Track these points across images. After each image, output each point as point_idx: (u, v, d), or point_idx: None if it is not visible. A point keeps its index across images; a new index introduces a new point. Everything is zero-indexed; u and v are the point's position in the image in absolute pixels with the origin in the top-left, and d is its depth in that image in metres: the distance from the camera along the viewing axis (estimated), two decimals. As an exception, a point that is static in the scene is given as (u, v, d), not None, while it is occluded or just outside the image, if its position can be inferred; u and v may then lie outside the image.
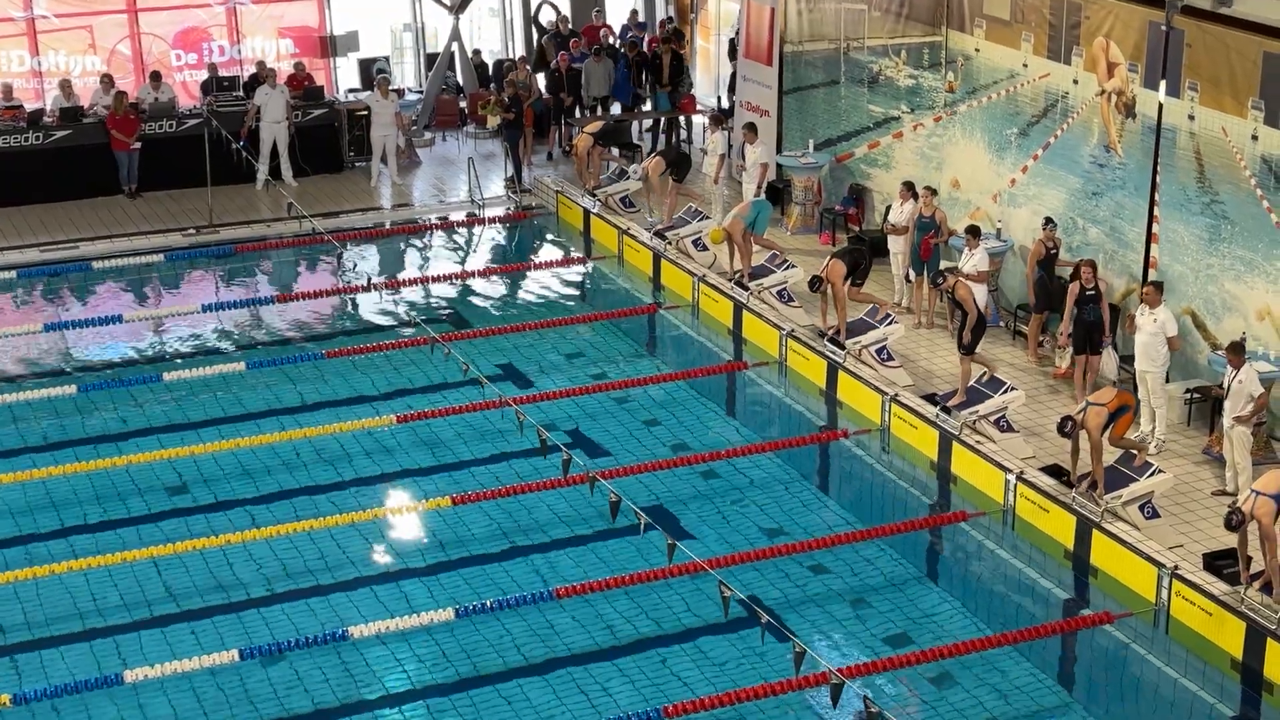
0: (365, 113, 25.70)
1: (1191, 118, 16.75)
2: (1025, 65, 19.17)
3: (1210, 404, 16.45)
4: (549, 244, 24.22)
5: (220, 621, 14.09)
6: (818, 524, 15.84)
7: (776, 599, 14.35)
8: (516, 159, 25.47)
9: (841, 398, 18.31)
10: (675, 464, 16.75)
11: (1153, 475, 15.02)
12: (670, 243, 21.93)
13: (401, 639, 13.73)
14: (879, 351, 18.21)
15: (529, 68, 27.19)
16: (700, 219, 22.05)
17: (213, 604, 14.38)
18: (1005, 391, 16.68)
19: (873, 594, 14.67)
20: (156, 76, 25.49)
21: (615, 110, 26.99)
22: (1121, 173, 17.93)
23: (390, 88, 25.75)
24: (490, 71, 28.52)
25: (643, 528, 14.37)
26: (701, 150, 24.67)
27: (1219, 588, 13.79)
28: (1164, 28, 16.73)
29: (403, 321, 20.56)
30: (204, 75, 26.51)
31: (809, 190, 22.89)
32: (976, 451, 16.32)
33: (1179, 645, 13.91)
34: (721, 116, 24.17)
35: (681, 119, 27.06)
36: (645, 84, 26.99)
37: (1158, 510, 15.01)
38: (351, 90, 27.48)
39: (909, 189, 19.94)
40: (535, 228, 24.56)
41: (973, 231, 18.59)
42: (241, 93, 25.72)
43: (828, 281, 18.58)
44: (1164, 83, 16.92)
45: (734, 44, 25.92)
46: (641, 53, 27.06)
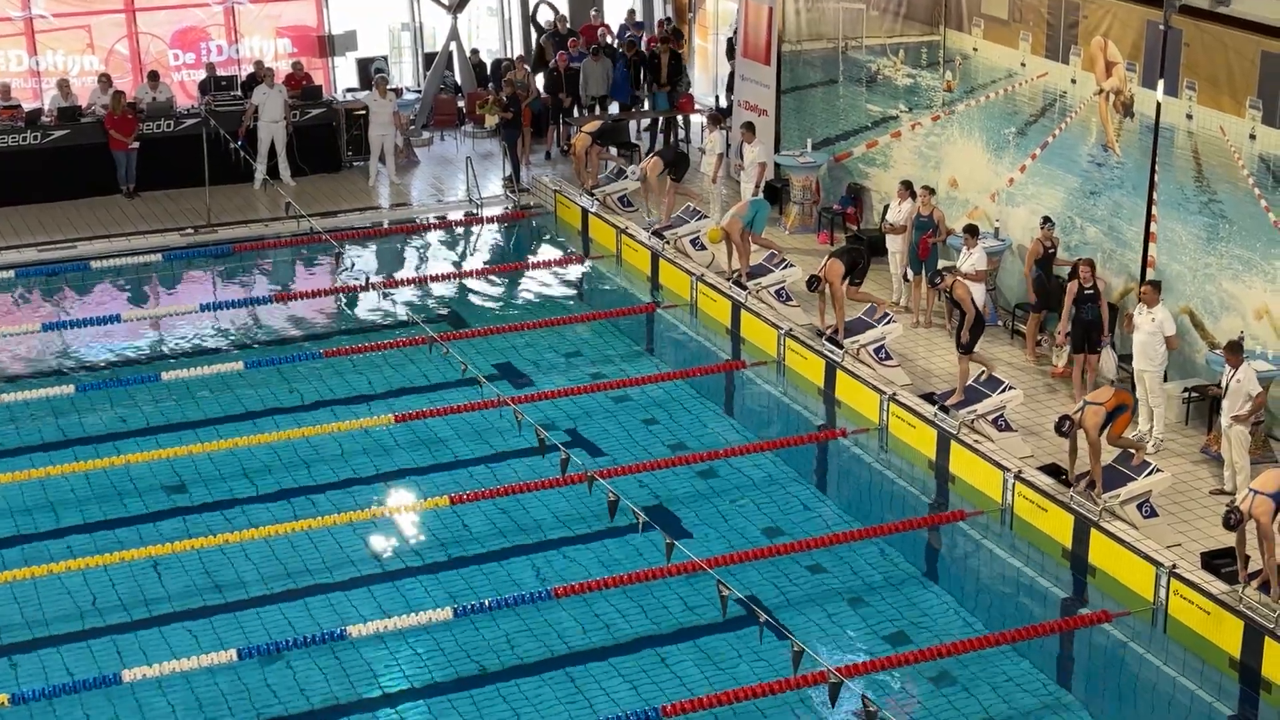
0: (363, 112, 25.69)
1: (1189, 117, 16.75)
2: (1023, 64, 19.17)
3: (1208, 403, 16.45)
4: (547, 243, 24.21)
5: (218, 621, 14.08)
6: (816, 523, 15.83)
7: (775, 598, 14.35)
8: (514, 158, 25.46)
9: (840, 397, 18.31)
10: (673, 463, 16.74)
11: (1151, 474, 15.01)
12: (668, 242, 21.92)
13: (400, 638, 13.73)
14: (877, 351, 18.20)
15: (527, 68, 27.18)
16: (698, 218, 22.04)
17: (211, 604, 14.37)
18: (1003, 391, 16.67)
19: (871, 593, 14.67)
20: (154, 76, 25.48)
21: (613, 110, 26.99)
22: (1119, 172, 17.93)
23: (388, 87, 25.74)
24: (488, 71, 28.53)
25: (641, 527, 14.36)
26: (700, 149, 24.66)
27: (1217, 587, 13.79)
28: (1162, 27, 16.73)
29: (401, 321, 20.55)
30: (202, 75, 26.50)
31: (807, 189, 22.89)
32: (975, 451, 16.32)
33: (1177, 644, 13.91)
34: (719, 116, 24.15)
35: (679, 118, 27.07)
36: (643, 83, 26.99)
37: (1156, 509, 15.00)
38: (349, 90, 27.48)
39: (907, 188, 19.94)
40: (533, 227, 24.55)
41: (971, 231, 18.59)
42: (239, 92, 25.71)
43: (826, 281, 18.58)
44: (1162, 82, 16.92)
45: (732, 43, 25.91)
46: (640, 52, 27.06)
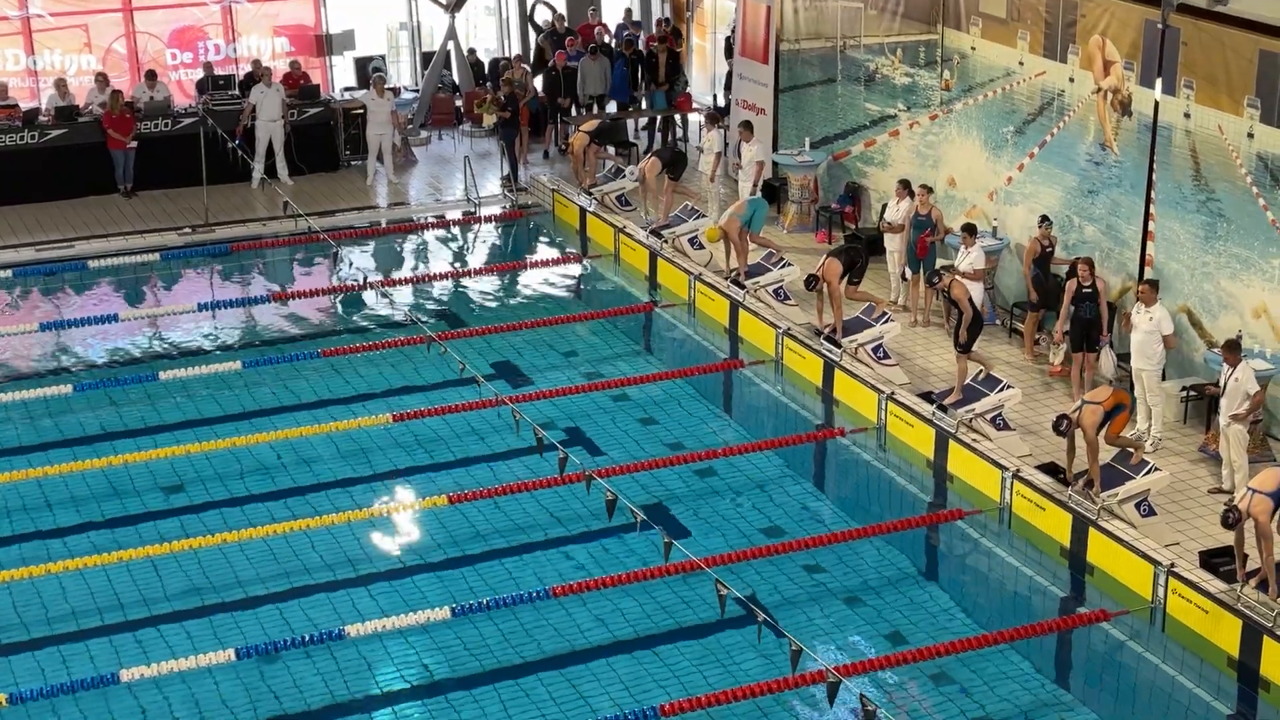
0: (361, 111, 25.68)
1: (1187, 115, 16.74)
2: (1021, 63, 19.16)
3: (1206, 402, 16.45)
4: (545, 242, 24.20)
5: (216, 621, 14.07)
6: (814, 522, 15.84)
7: (773, 597, 14.35)
8: (513, 157, 25.46)
9: (838, 396, 18.30)
10: (672, 462, 16.74)
11: (1149, 473, 15.01)
12: (666, 241, 21.92)
13: (398, 638, 13.72)
14: (875, 350, 18.20)
15: (525, 66, 27.17)
16: (696, 217, 22.04)
17: (209, 603, 14.36)
18: (1001, 389, 16.67)
19: (869, 592, 14.66)
20: (152, 75, 25.46)
21: (611, 109, 26.98)
22: (1117, 170, 17.93)
23: (386, 86, 25.73)
24: (486, 70, 28.52)
25: (639, 526, 14.35)
26: (698, 149, 24.65)
27: (1215, 585, 13.79)
28: (1160, 26, 16.73)
29: (399, 320, 20.53)
30: (199, 74, 26.48)
31: (805, 188, 22.89)
32: (973, 450, 16.31)
33: (1175, 643, 13.91)
34: (718, 115, 24.14)
35: (677, 117, 27.06)
36: (641, 82, 26.98)
37: (1154, 508, 15.00)
38: (347, 89, 27.46)
39: (905, 187, 19.93)
40: (531, 226, 24.54)
41: (969, 230, 18.58)
42: (237, 91, 25.69)
43: (824, 280, 18.58)
44: (1160, 80, 16.92)
45: (730, 42, 25.91)
46: (638, 51, 27.05)
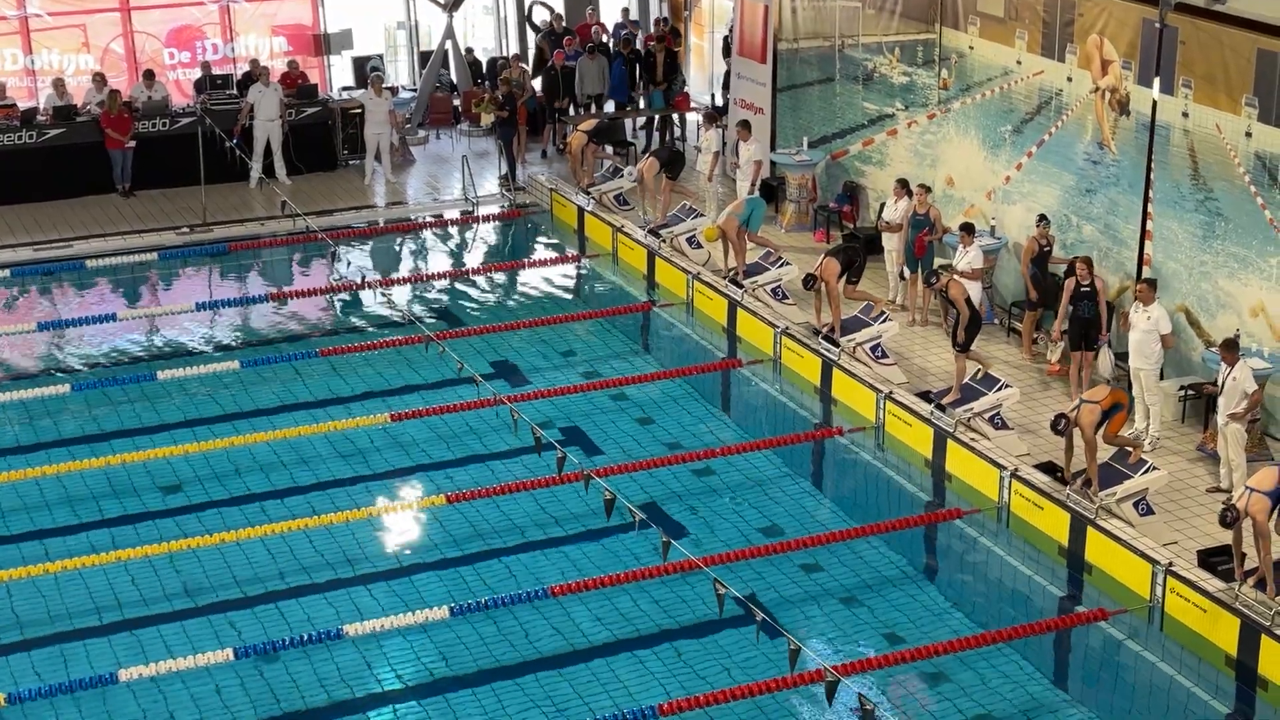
0: (359, 111, 25.68)
1: (1185, 115, 16.75)
2: (1019, 62, 19.16)
3: (1204, 401, 16.45)
4: (543, 242, 24.20)
5: (215, 620, 14.07)
6: (812, 521, 15.84)
7: (771, 596, 14.35)
8: (510, 157, 25.46)
9: (836, 395, 18.31)
10: (670, 462, 16.74)
11: (1147, 472, 15.01)
12: (665, 240, 21.92)
13: (396, 637, 13.72)
14: (873, 349, 18.20)
15: (523, 66, 27.16)
16: (695, 217, 22.04)
17: (207, 603, 14.36)
18: (1000, 389, 16.67)
19: (867, 591, 14.67)
20: (150, 75, 25.45)
21: (609, 108, 26.98)
22: (1115, 170, 17.93)
23: (384, 86, 25.73)
24: (484, 69, 28.52)
25: (637, 525, 14.36)
26: (695, 148, 24.65)
27: (1213, 584, 13.79)
28: (1158, 25, 16.73)
29: (397, 320, 20.53)
30: (197, 73, 26.48)
31: (803, 188, 22.89)
32: (971, 449, 16.32)
33: (1173, 642, 13.91)
34: (716, 114, 24.16)
35: (675, 116, 27.06)
36: (639, 82, 26.97)
37: (1152, 507, 15.01)
38: (345, 88, 27.45)
39: (903, 186, 19.94)
40: (529, 226, 24.54)
41: (967, 229, 18.59)
42: (235, 91, 25.69)
43: (822, 279, 18.58)
44: (1158, 80, 16.92)
45: (728, 41, 25.91)
46: (635, 50, 27.05)
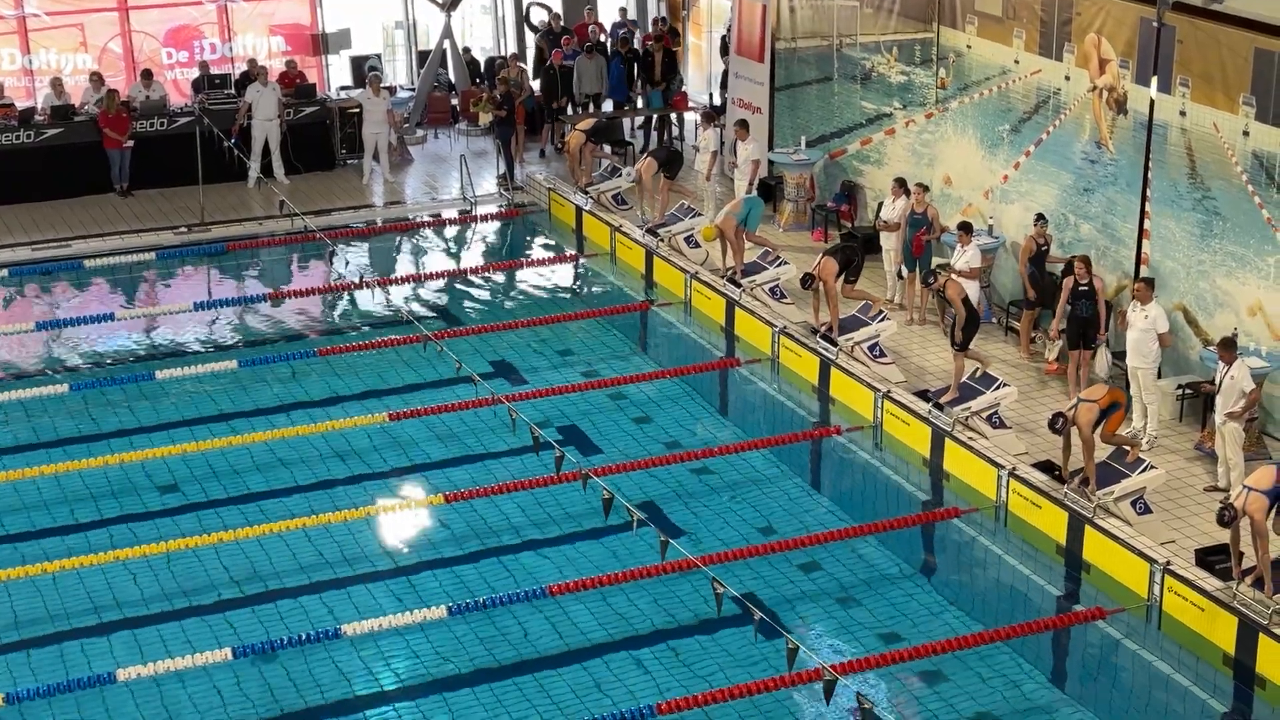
0: (357, 110, 25.68)
1: (1183, 114, 16.75)
2: (1017, 61, 19.17)
3: (1202, 400, 16.46)
4: (541, 241, 24.20)
5: (213, 620, 14.07)
6: (810, 521, 15.84)
7: (769, 596, 14.36)
8: (509, 156, 25.46)
9: (834, 394, 18.32)
10: (668, 461, 16.75)
11: (1145, 471, 15.02)
12: (663, 240, 21.93)
13: (395, 636, 13.72)
14: (871, 348, 18.21)
15: (520, 65, 27.16)
16: (693, 216, 22.04)
17: (205, 602, 14.36)
18: (998, 388, 16.68)
19: (865, 590, 14.67)
20: (148, 74, 25.44)
21: (607, 107, 26.98)
22: (1113, 169, 17.94)
23: (382, 85, 25.72)
24: (482, 69, 28.51)
25: (635, 525, 14.36)
26: (693, 147, 24.65)
27: (1211, 583, 13.80)
28: (1155, 24, 16.73)
29: (395, 319, 20.53)
30: (195, 73, 26.46)
31: (801, 187, 22.90)
32: (969, 448, 16.32)
33: (1171, 641, 13.92)
34: (713, 113, 24.15)
35: (673, 116, 27.06)
36: (637, 81, 26.97)
37: (1150, 506, 15.01)
38: (343, 88, 27.45)
39: (901, 185, 19.95)
40: (527, 225, 24.54)
41: (964, 228, 18.59)
42: (233, 90, 25.68)
43: (820, 278, 18.59)
44: (1155, 79, 16.93)
45: (726, 40, 25.91)
46: (634, 49, 27.05)
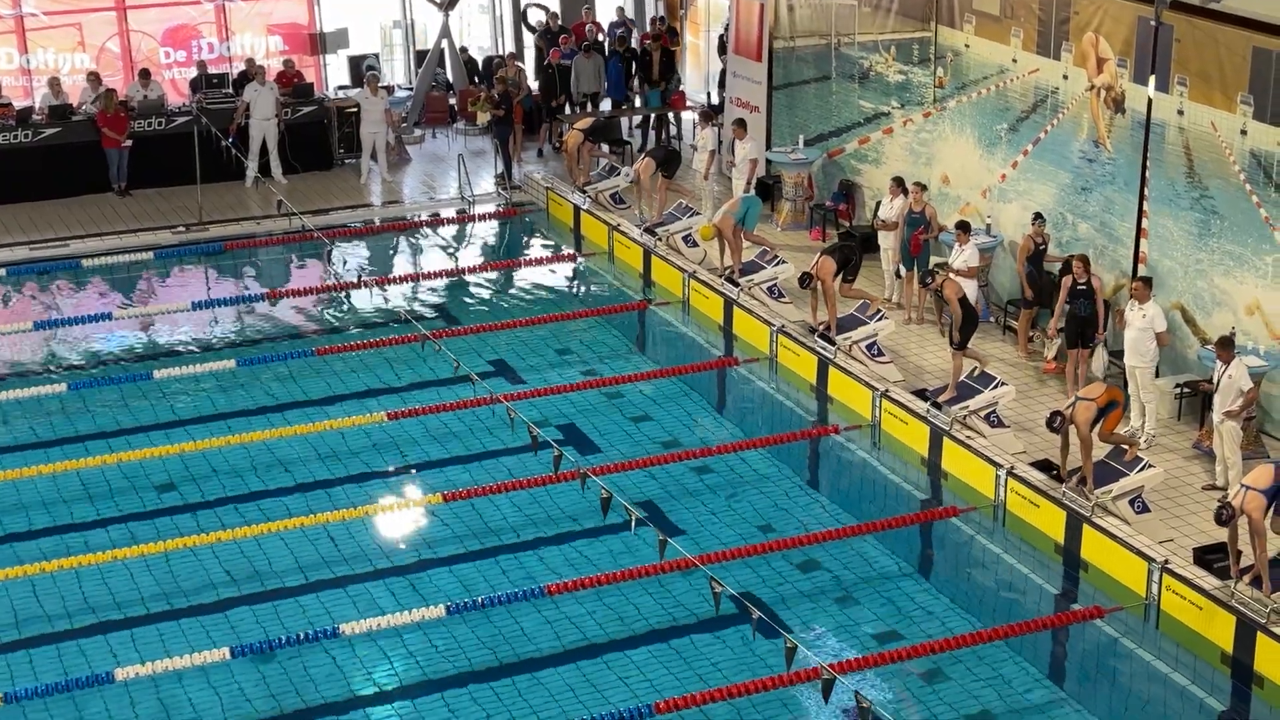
0: (355, 110, 25.67)
1: (1181, 113, 16.76)
2: (1015, 61, 19.18)
3: (1200, 399, 16.47)
4: (539, 241, 24.20)
5: (211, 619, 14.07)
6: (809, 519, 15.85)
7: (768, 595, 14.36)
8: (507, 156, 25.46)
9: (832, 393, 18.32)
10: (666, 460, 16.75)
11: (1143, 470, 15.03)
12: (660, 239, 21.93)
13: (393, 636, 13.72)
14: (869, 347, 18.21)
15: (519, 64, 27.16)
16: (691, 215, 22.05)
17: (204, 602, 14.35)
18: (996, 387, 16.68)
19: (864, 589, 14.68)
20: (145, 74, 25.44)
21: (605, 106, 26.98)
22: (1111, 168, 17.95)
23: (380, 85, 25.72)
24: (480, 68, 28.51)
25: (634, 524, 14.36)
26: (691, 146, 24.65)
27: (1209, 582, 13.81)
28: (1153, 23, 16.75)
29: (393, 318, 20.53)
30: (193, 72, 26.47)
31: (799, 186, 22.90)
32: (967, 447, 16.32)
33: (1169, 639, 13.93)
34: (711, 112, 24.16)
35: (671, 115, 27.06)
36: (635, 80, 26.98)
37: (1148, 505, 15.02)
38: (341, 87, 27.45)
39: (899, 184, 19.95)
40: (525, 224, 24.54)
41: (962, 227, 18.60)
42: (231, 90, 25.67)
43: (818, 278, 18.59)
44: (1153, 78, 16.94)
45: (724, 40, 25.92)
46: (631, 49, 27.05)
